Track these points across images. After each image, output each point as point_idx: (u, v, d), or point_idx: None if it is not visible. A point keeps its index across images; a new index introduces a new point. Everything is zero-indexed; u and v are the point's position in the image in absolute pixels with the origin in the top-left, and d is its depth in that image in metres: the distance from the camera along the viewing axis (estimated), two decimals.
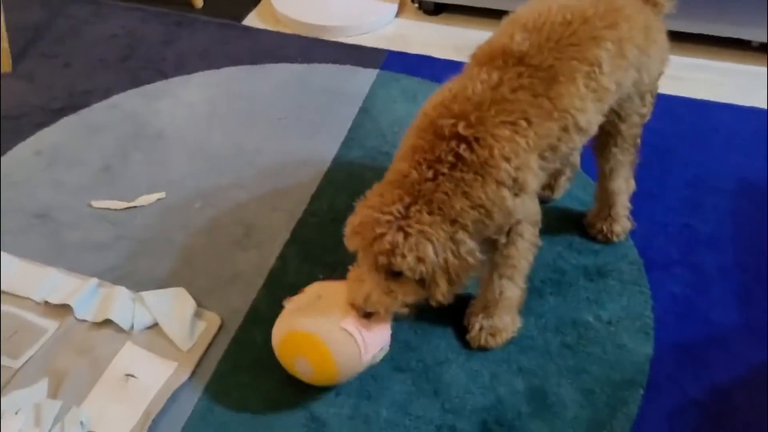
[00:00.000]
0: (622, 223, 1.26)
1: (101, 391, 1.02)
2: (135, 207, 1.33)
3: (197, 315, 1.13)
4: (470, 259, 0.94)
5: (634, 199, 1.26)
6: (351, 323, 0.95)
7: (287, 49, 1.78)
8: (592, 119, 0.99)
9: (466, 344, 1.11)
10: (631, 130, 1.13)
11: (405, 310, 0.97)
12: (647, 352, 1.10)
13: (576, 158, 1.32)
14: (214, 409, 1.02)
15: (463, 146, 0.90)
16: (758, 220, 1.31)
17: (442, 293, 0.95)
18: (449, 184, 0.91)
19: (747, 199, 1.35)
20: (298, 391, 1.03)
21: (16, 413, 0.98)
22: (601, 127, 1.08)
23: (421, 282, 0.94)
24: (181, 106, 1.59)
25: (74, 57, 1.75)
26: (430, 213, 0.91)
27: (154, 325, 1.11)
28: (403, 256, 0.89)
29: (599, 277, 1.22)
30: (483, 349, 1.09)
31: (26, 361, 1.06)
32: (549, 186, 1.32)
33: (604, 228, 1.26)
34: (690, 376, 1.07)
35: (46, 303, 1.13)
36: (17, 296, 1.15)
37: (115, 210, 1.33)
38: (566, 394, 1.04)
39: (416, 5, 1.96)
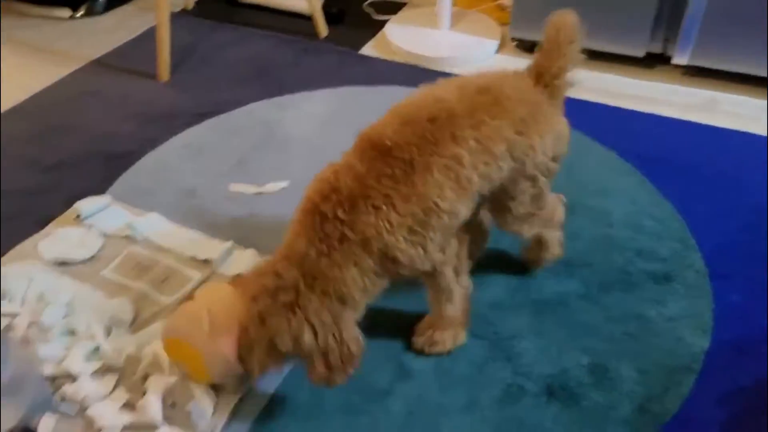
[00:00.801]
0: (552, 248, 1.32)
1: None
2: (263, 192, 1.58)
3: None
4: (353, 347, 1.01)
5: (706, 218, 1.40)
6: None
7: (397, 75, 2.03)
8: (456, 203, 1.05)
9: (537, 323, 1.27)
10: (523, 207, 1.18)
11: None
12: (704, 345, 1.22)
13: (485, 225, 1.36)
14: None
15: (346, 228, 1.00)
16: None
17: (318, 375, 1.02)
18: (340, 256, 1.00)
19: None
20: (389, 347, 1.23)
21: None
22: (495, 206, 1.19)
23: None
24: (305, 115, 1.85)
25: (218, 73, 2.06)
26: (320, 293, 0.99)
27: None
28: (276, 333, 0.98)
29: (665, 281, 1.35)
30: (422, 353, 1.21)
31: (172, 302, 1.31)
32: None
33: (535, 257, 1.34)
34: (741, 369, 1.18)
35: (192, 258, 1.38)
36: (169, 251, 1.41)
37: (248, 193, 1.58)
38: (625, 372, 1.18)
39: (515, 43, 2.16)
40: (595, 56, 2.06)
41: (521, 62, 2.12)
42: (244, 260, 1.36)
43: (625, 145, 1.71)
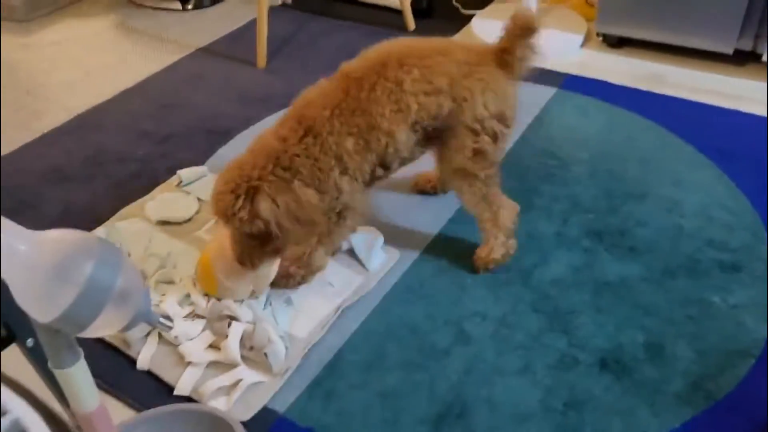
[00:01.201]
0: (492, 252, 1.34)
1: (306, 289, 1.36)
2: None
3: (383, 249, 1.44)
4: (313, 200, 1.15)
5: None
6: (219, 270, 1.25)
7: None
8: (395, 127, 1.18)
9: (596, 301, 1.31)
10: (464, 160, 1.24)
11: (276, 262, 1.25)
12: (765, 333, 1.23)
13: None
14: (389, 310, 1.31)
15: (303, 120, 1.17)
16: None
17: (296, 238, 1.16)
18: (293, 141, 1.16)
19: None
20: (452, 312, 1.30)
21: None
22: (438, 155, 1.29)
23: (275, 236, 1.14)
24: None
25: (310, 61, 2.20)
26: (263, 167, 1.13)
27: (350, 250, 1.44)
28: (236, 217, 1.10)
29: (732, 270, 1.36)
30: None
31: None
32: (430, 180, 1.56)
33: (477, 255, 1.37)
34: None
35: None
36: None
37: None
38: (681, 351, 1.21)
39: (600, 38, 2.18)
40: (683, 52, 2.05)
41: (606, 57, 2.15)
42: None
43: (705, 140, 1.71)
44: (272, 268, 1.28)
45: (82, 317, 0.73)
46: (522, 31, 1.22)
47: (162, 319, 0.82)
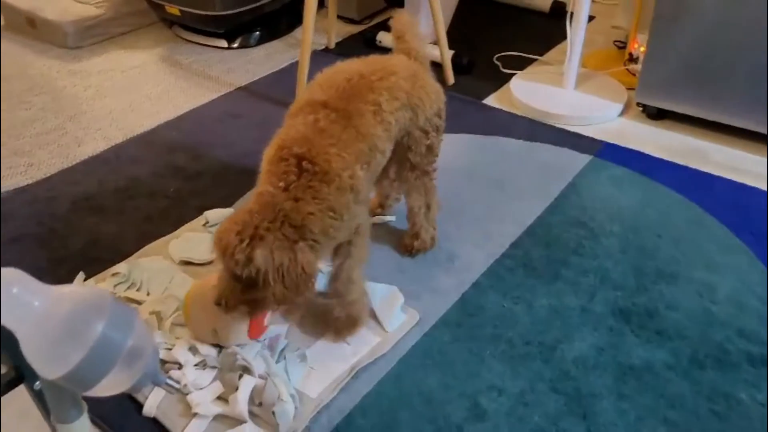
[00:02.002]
0: (423, 239, 1.54)
1: (322, 344, 1.34)
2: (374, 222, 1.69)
3: (402, 309, 1.42)
4: (307, 269, 1.11)
5: None
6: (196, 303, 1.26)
7: (515, 127, 2.09)
8: (385, 144, 1.28)
9: (619, 386, 1.26)
10: (419, 158, 1.41)
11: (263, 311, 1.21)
12: None
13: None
14: (403, 375, 1.28)
15: (304, 162, 1.14)
16: None
17: (276, 295, 1.10)
18: (300, 191, 1.12)
19: None
20: (468, 384, 1.27)
21: (260, 340, 1.33)
22: (398, 159, 1.40)
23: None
24: None
25: None
26: (272, 221, 1.09)
27: (369, 308, 1.42)
28: (233, 257, 1.07)
29: (762, 365, 1.30)
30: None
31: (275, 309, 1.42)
32: (381, 205, 1.67)
33: (408, 243, 1.56)
34: None
35: None
36: None
37: None
38: None
39: (640, 108, 2.16)
40: (723, 129, 2.01)
41: (645, 128, 2.12)
42: None
43: (741, 222, 1.66)
44: (241, 328, 1.26)
45: (88, 377, 0.72)
46: (407, 30, 1.43)
47: (169, 381, 0.81)
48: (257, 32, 2.67)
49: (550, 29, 2.72)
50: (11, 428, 1.19)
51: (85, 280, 1.47)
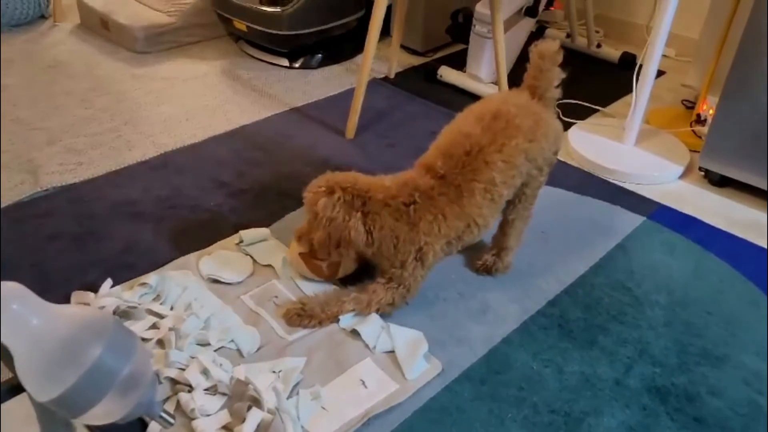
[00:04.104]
0: (505, 263, 1.58)
1: (338, 383, 1.29)
2: None
3: (425, 357, 1.36)
4: (351, 233, 1.34)
5: None
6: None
7: (568, 178, 2.01)
8: (489, 218, 1.40)
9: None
10: (533, 191, 1.49)
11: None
12: None
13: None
14: (417, 429, 1.22)
15: (412, 207, 1.35)
16: None
17: (317, 239, 1.37)
18: (393, 212, 1.35)
19: None
20: None
21: (275, 372, 1.29)
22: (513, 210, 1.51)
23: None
24: None
25: (399, 141, 2.18)
26: (360, 196, 1.34)
27: (391, 352, 1.37)
28: (308, 193, 1.38)
29: None
30: None
31: (294, 340, 1.38)
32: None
33: (488, 261, 1.58)
34: None
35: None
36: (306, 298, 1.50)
37: None
38: None
39: (702, 173, 2.06)
40: None
41: (706, 194, 2.02)
42: (367, 322, 1.41)
43: None
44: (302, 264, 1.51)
45: (80, 402, 0.69)
46: (547, 63, 1.42)
47: (163, 414, 0.77)
48: (320, 54, 2.68)
49: (616, 80, 2.64)
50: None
51: (112, 287, 1.47)
